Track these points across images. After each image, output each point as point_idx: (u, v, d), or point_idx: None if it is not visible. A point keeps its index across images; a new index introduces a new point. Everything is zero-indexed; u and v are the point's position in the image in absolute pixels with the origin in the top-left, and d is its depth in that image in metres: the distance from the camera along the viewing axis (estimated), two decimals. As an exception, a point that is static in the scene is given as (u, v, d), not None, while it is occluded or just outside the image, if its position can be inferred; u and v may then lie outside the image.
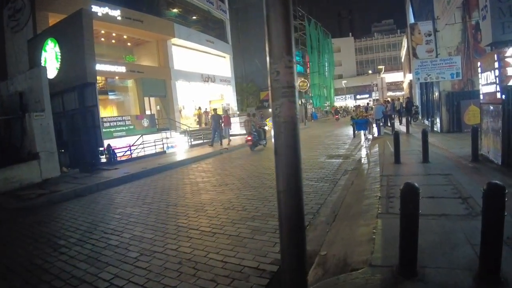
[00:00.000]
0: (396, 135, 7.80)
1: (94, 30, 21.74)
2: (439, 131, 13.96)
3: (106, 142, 17.43)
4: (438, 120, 14.02)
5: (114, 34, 23.13)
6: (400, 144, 10.26)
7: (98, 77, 25.45)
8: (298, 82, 41.32)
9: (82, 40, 12.91)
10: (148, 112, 23.28)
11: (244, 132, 22.12)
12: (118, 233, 5.37)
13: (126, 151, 16.14)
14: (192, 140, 20.54)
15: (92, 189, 9.10)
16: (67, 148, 13.91)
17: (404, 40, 37.78)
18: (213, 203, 6.36)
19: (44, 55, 14.88)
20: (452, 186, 5.46)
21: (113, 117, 20.55)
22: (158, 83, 24.26)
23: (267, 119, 35.30)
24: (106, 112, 27.87)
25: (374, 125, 16.07)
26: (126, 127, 19.99)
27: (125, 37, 23.93)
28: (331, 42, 62.81)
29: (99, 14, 19.61)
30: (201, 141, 19.13)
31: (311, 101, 47.83)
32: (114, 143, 19.39)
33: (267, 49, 1.97)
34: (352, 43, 78.30)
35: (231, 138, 19.74)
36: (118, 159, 15.73)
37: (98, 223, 6.03)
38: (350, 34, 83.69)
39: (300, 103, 43.30)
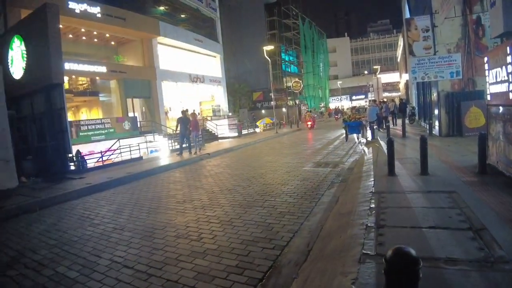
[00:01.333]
0: (390, 142, 6.67)
1: (74, 28, 20.73)
2: (437, 134, 12.89)
3: (76, 148, 16.39)
4: (436, 122, 12.94)
5: (95, 33, 21.95)
6: (396, 151, 9.17)
7: (83, 78, 24.58)
8: (291, 82, 40.33)
9: (47, 37, 11.77)
10: (131, 114, 22.09)
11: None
12: (39, 269, 4.28)
13: (99, 158, 14.95)
14: (175, 144, 19.40)
15: (45, 203, 7.97)
16: (35, 154, 12.75)
17: (400, 39, 36.83)
18: (166, 227, 5.22)
19: (10, 53, 13.72)
20: (459, 209, 4.35)
21: (91, 120, 19.39)
22: (142, 84, 23.09)
23: (259, 121, 34.29)
24: (92, 114, 26.76)
25: (368, 128, 15.00)
26: (106, 131, 18.84)
27: (107, 35, 22.73)
28: (326, 42, 61.83)
29: (77, 11, 18.47)
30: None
31: (305, 102, 46.76)
32: (91, 147, 18.25)
33: None
34: (347, 43, 77.39)
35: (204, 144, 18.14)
36: (94, 165, 14.57)
37: (25, 252, 4.92)
38: (346, 34, 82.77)
39: (294, 104, 42.26)
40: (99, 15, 19.58)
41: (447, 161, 7.78)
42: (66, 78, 23.54)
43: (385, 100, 24.58)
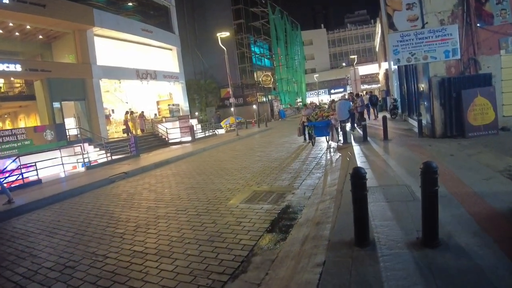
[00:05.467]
0: (357, 176, 3.13)
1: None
2: (430, 135, 9.61)
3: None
4: (428, 119, 9.65)
5: (11, 25, 17.88)
6: (373, 170, 5.96)
7: (18, 80, 20.48)
8: (261, 77, 36.86)
9: None
10: (65, 121, 18.13)
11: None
12: None
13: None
14: (109, 155, 15.64)
15: None
16: None
17: (378, 26, 33.74)
18: None
19: None
20: None
21: (-5, 130, 15.48)
22: (74, 84, 19.03)
23: (224, 121, 30.66)
24: (30, 121, 22.69)
25: (339, 128, 11.64)
26: (19, 143, 14.90)
27: (28, 27, 18.63)
28: (301, 33, 58.37)
29: (-29, -6, 14.40)
30: (117, 157, 14.30)
31: (279, 97, 43.15)
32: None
33: None
34: (324, 35, 74.22)
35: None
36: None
37: None
38: (322, 25, 79.66)
39: (266, 100, 38.80)
40: (6, 1, 15.52)
41: (461, 194, 4.40)
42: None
43: (360, 93, 21.10)
